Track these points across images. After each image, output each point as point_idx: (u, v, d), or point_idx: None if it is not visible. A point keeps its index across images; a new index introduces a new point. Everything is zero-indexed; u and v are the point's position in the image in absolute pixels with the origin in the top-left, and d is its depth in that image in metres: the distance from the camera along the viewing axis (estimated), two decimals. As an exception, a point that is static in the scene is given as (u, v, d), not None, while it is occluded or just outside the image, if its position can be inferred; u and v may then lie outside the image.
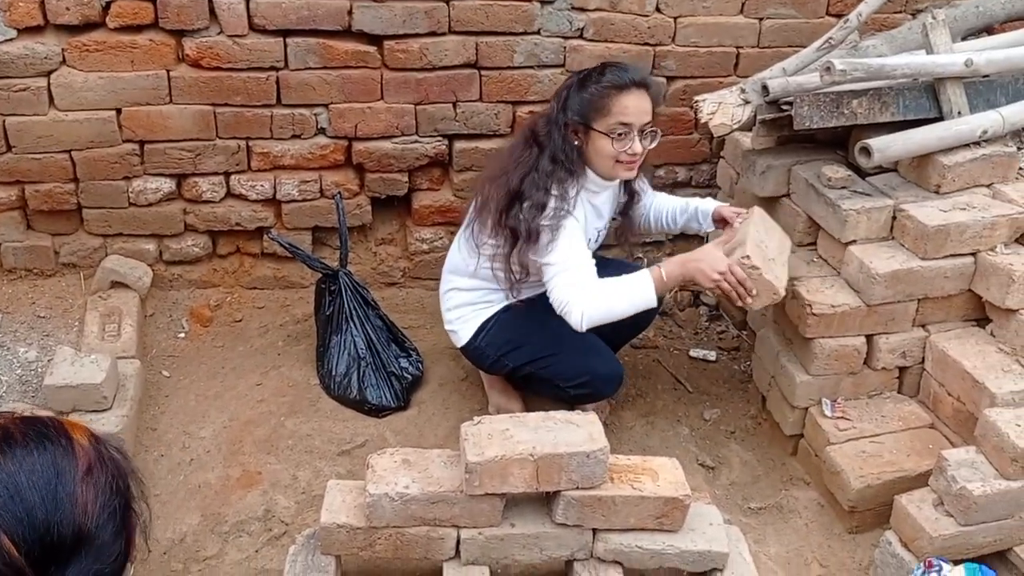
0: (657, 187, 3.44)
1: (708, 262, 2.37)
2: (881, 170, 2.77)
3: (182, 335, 3.11)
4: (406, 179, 3.30)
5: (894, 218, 2.63)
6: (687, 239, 3.41)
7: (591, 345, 2.60)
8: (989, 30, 3.20)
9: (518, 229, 2.43)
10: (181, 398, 2.85)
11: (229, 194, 3.22)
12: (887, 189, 2.70)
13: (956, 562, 2.18)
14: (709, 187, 3.50)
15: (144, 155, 3.10)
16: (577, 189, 2.48)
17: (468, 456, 2.07)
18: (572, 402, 2.70)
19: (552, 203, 2.42)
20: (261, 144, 3.16)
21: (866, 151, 2.60)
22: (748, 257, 2.35)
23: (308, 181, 3.22)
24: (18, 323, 3.00)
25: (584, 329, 2.38)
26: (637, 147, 2.45)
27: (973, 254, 2.57)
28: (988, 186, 2.70)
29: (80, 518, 1.07)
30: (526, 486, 2.11)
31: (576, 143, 2.48)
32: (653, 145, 2.51)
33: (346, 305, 2.95)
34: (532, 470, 2.10)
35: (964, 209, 2.57)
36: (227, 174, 3.19)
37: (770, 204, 2.95)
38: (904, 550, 2.28)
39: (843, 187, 2.70)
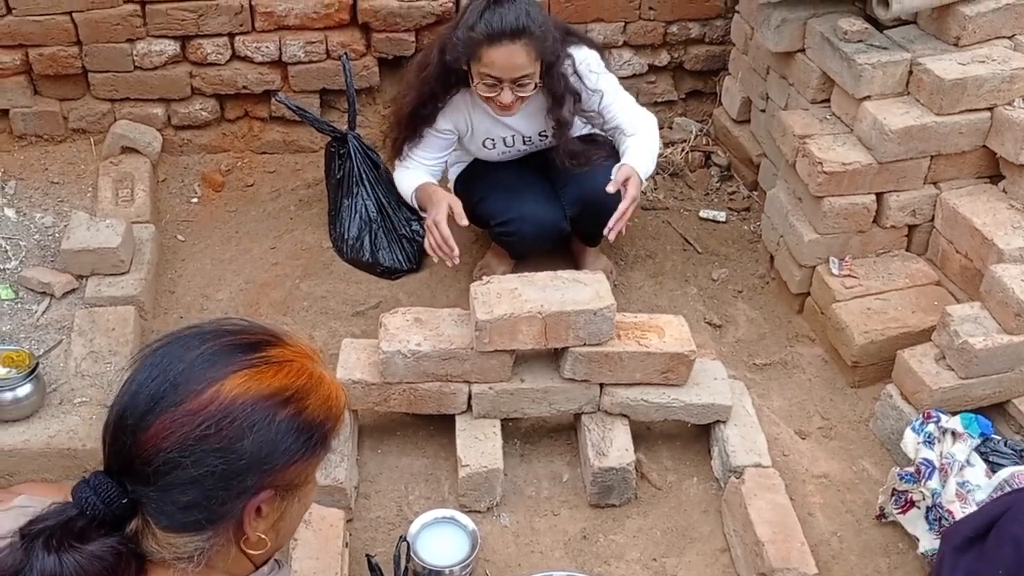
0: (671, 43, 3.38)
1: (431, 210, 2.52)
2: (900, 23, 2.68)
3: (195, 200, 3.13)
4: (413, 39, 3.23)
5: (910, 73, 2.57)
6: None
7: (524, 191, 2.69)
8: None
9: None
10: (197, 262, 2.90)
11: (235, 56, 3.17)
12: (905, 42, 2.62)
13: (954, 413, 2.24)
14: (723, 43, 3.41)
15: (146, 16, 3.03)
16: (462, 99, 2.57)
17: (478, 314, 2.12)
18: (504, 247, 2.79)
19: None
20: (265, 3, 3.08)
21: (884, 2, 2.52)
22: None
23: (314, 42, 3.16)
24: (32, 189, 3.03)
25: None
26: (505, 98, 2.42)
27: (989, 109, 2.51)
28: (1010, 38, 2.62)
29: (146, 440, 1.05)
30: (534, 343, 2.17)
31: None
32: (529, 94, 2.44)
33: (356, 168, 2.95)
34: (540, 327, 2.15)
35: (983, 62, 2.50)
36: (231, 35, 3.13)
37: (785, 60, 2.88)
38: (904, 402, 2.35)
39: (859, 40, 2.63)
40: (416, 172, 2.67)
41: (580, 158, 2.60)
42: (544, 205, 2.67)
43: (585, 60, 2.57)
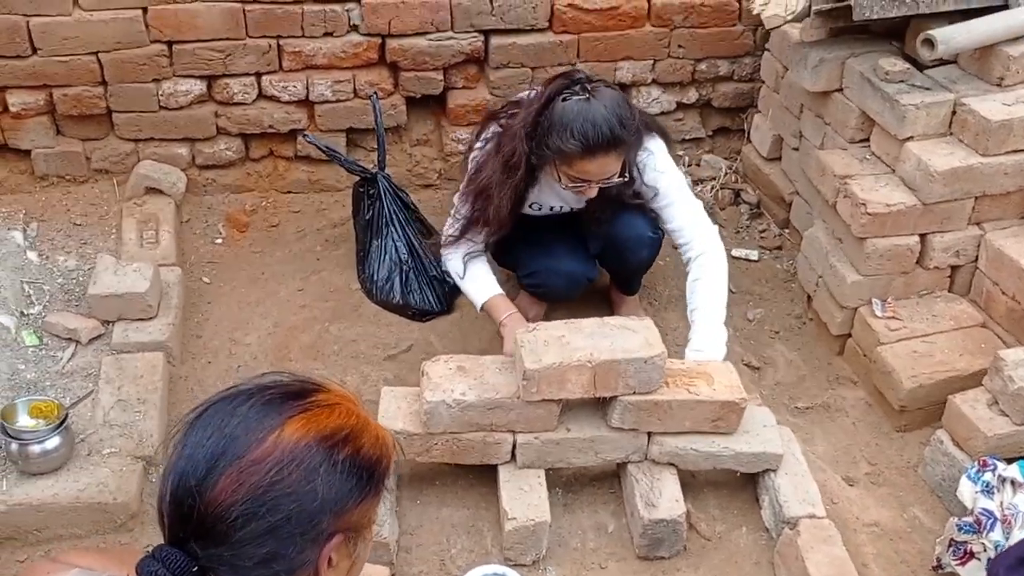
0: (699, 80, 3.35)
1: (508, 340, 2.42)
2: (940, 62, 2.66)
3: (219, 241, 3.08)
4: (441, 77, 3.20)
5: (954, 113, 2.54)
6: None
7: (552, 243, 2.63)
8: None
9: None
10: (223, 305, 2.84)
11: (261, 95, 3.13)
12: (947, 83, 2.60)
13: (1009, 460, 2.18)
14: (751, 81, 3.39)
15: (173, 56, 3.00)
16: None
17: (526, 363, 2.07)
18: (532, 293, 2.74)
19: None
20: (292, 43, 3.06)
21: (929, 43, 2.49)
22: None
23: (341, 81, 3.13)
24: (54, 231, 2.97)
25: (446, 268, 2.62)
26: (591, 193, 2.39)
27: (1034, 150, 2.49)
28: (1052, 77, 2.60)
29: (215, 497, 1.03)
30: (583, 392, 2.12)
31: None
32: (615, 184, 2.38)
33: (386, 208, 2.90)
34: (590, 376, 2.10)
35: (1027, 103, 2.48)
36: (259, 75, 3.09)
37: (821, 99, 2.86)
38: (956, 449, 2.29)
39: (901, 81, 2.60)
40: (477, 264, 2.56)
41: (607, 211, 2.54)
42: (571, 257, 2.63)
43: (650, 155, 2.48)
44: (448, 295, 2.87)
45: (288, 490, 1.04)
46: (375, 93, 3.04)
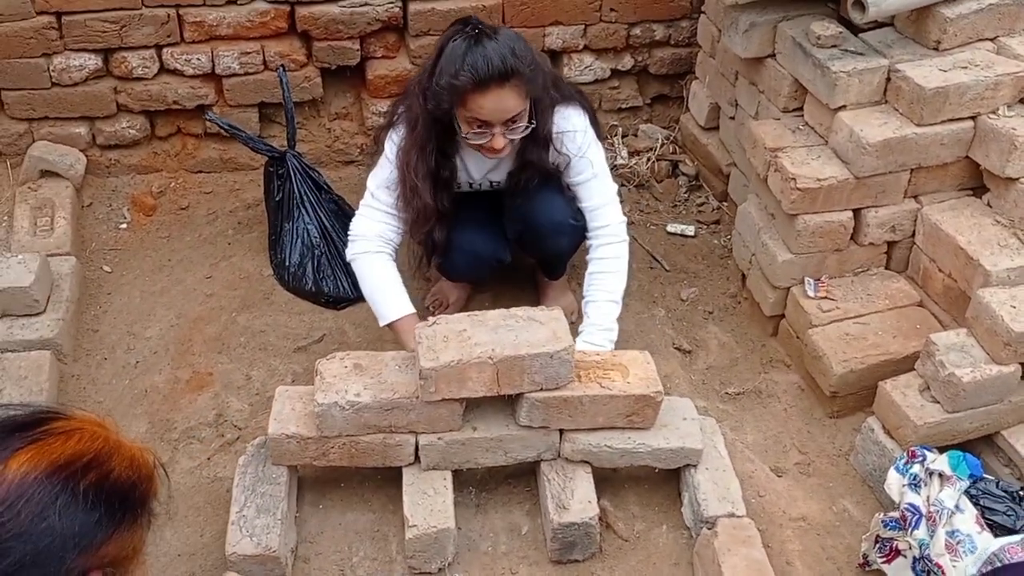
0: (634, 46, 3.17)
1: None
2: (876, 25, 2.50)
3: (123, 226, 2.90)
4: (358, 47, 3.01)
5: (888, 80, 2.39)
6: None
7: (467, 226, 2.46)
8: None
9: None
10: (124, 295, 2.68)
11: (163, 69, 2.94)
12: (882, 47, 2.44)
13: (940, 449, 2.08)
14: (689, 45, 3.22)
15: (63, 28, 2.80)
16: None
17: (422, 361, 1.92)
18: (442, 274, 2.61)
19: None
20: (193, 12, 2.86)
21: (860, 4, 2.33)
22: None
23: (249, 52, 2.93)
24: (-58, 219, 2.79)
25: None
26: (497, 143, 2.19)
27: (972, 118, 2.34)
28: (992, 39, 2.45)
29: None
30: (486, 390, 1.98)
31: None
32: (521, 135, 2.21)
33: (296, 189, 2.73)
34: (492, 373, 1.96)
35: (965, 68, 2.33)
36: (159, 47, 2.90)
37: (754, 65, 2.70)
38: (887, 437, 2.18)
39: (833, 45, 2.45)
40: (381, 258, 2.33)
41: (527, 185, 2.39)
42: (481, 236, 2.49)
43: (571, 128, 2.33)
44: (363, 280, 2.71)
45: (18, 531, 0.93)
46: (282, 66, 2.85)
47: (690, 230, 2.99)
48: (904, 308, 2.44)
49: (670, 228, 2.99)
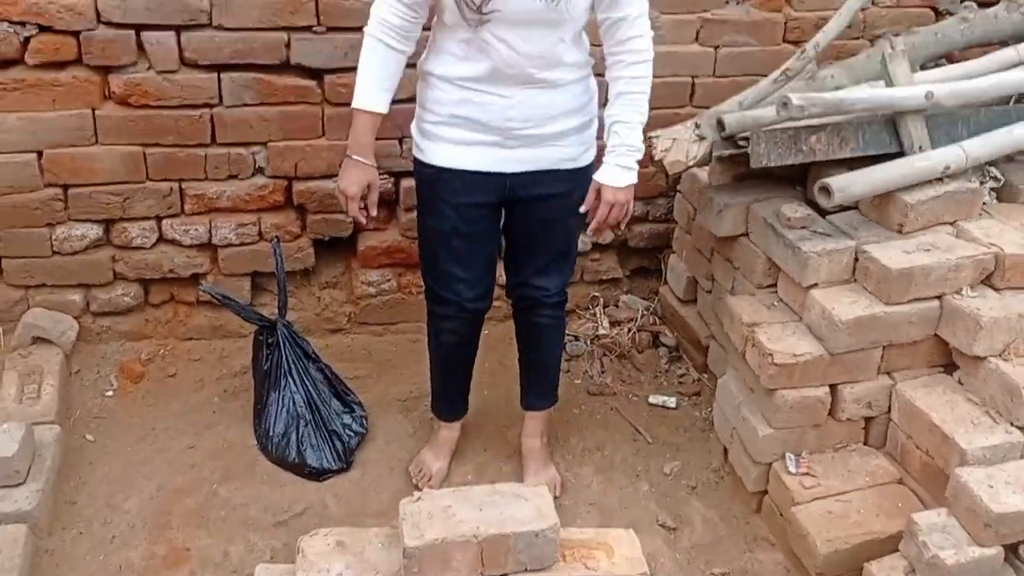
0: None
1: (344, 177, 2.29)
2: (842, 208, 2.65)
3: (110, 393, 2.92)
4: (350, 220, 3.13)
5: (856, 260, 2.51)
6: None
7: (457, 257, 2.40)
8: (948, 57, 3.11)
9: None
10: (106, 465, 2.66)
11: (161, 239, 3.03)
12: (848, 228, 2.58)
13: (929, 633, 2.05)
14: (666, 221, 3.37)
15: (68, 200, 2.91)
16: None
17: (406, 540, 1.91)
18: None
19: None
20: (195, 186, 2.98)
21: (826, 191, 2.48)
22: None
23: (246, 224, 3.05)
24: (-69, 385, 2.80)
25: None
26: None
27: (938, 297, 2.45)
28: (952, 223, 2.59)
29: None
30: (470, 570, 1.95)
31: None
32: None
33: (284, 359, 2.77)
34: (476, 552, 1.94)
35: (928, 250, 2.46)
36: (159, 218, 3.00)
37: (729, 243, 2.83)
38: (876, 621, 2.16)
39: (803, 227, 2.58)
40: (373, 42, 2.18)
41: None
42: (474, 287, 2.46)
43: None
44: (348, 451, 2.72)
45: None
46: (276, 238, 2.95)
47: (672, 402, 3.03)
48: (885, 485, 2.46)
49: (652, 399, 3.03)
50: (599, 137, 2.38)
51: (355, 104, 2.24)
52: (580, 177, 2.36)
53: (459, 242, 2.39)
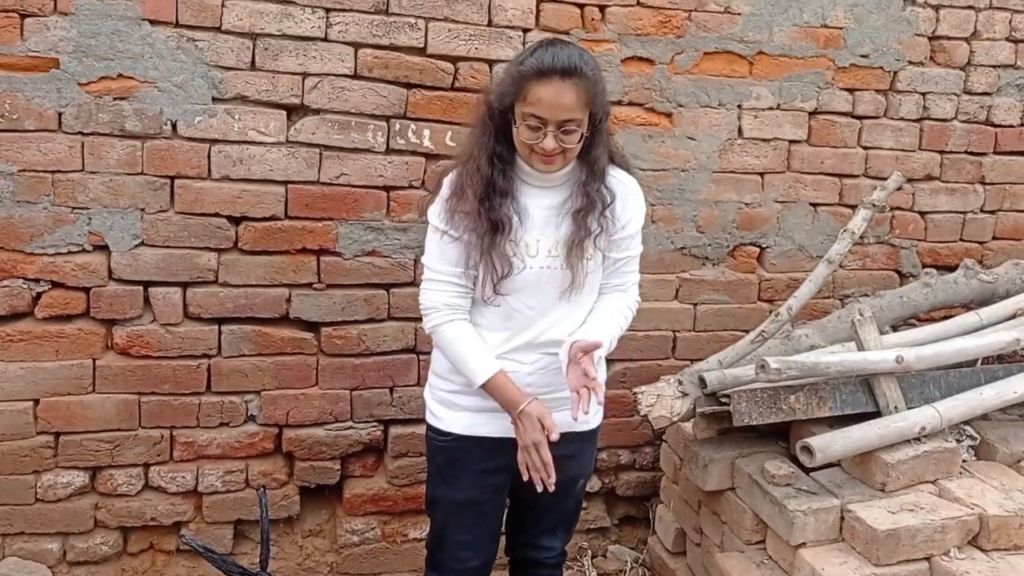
0: (602, 469, 3.35)
1: (528, 428, 2.16)
2: (825, 465, 2.70)
3: (74, 653, 2.79)
4: (338, 467, 3.14)
5: (842, 518, 2.53)
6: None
7: (468, 526, 2.36)
8: (915, 317, 3.29)
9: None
10: None
11: (147, 486, 3.02)
12: (832, 487, 2.62)
13: None
14: (653, 469, 3.40)
15: (58, 447, 2.92)
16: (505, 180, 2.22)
17: None
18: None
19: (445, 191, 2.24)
20: (186, 433, 3.01)
21: (807, 450, 2.55)
22: None
23: (233, 471, 3.05)
24: None
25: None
26: (548, 144, 2.12)
27: (927, 559, 2.45)
28: (933, 482, 2.64)
29: None
30: None
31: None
32: (573, 146, 2.15)
33: (263, 615, 2.69)
34: None
35: (912, 511, 2.49)
36: (147, 465, 3.00)
37: (716, 497, 2.85)
38: None
39: (787, 484, 2.62)
40: (456, 325, 2.24)
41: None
42: (479, 554, 2.40)
43: (629, 189, 2.30)
44: None
45: None
46: (262, 487, 2.95)
47: (664, 661, 2.92)
48: None
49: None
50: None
51: (482, 381, 2.21)
52: (590, 438, 2.43)
53: (472, 511, 2.37)
